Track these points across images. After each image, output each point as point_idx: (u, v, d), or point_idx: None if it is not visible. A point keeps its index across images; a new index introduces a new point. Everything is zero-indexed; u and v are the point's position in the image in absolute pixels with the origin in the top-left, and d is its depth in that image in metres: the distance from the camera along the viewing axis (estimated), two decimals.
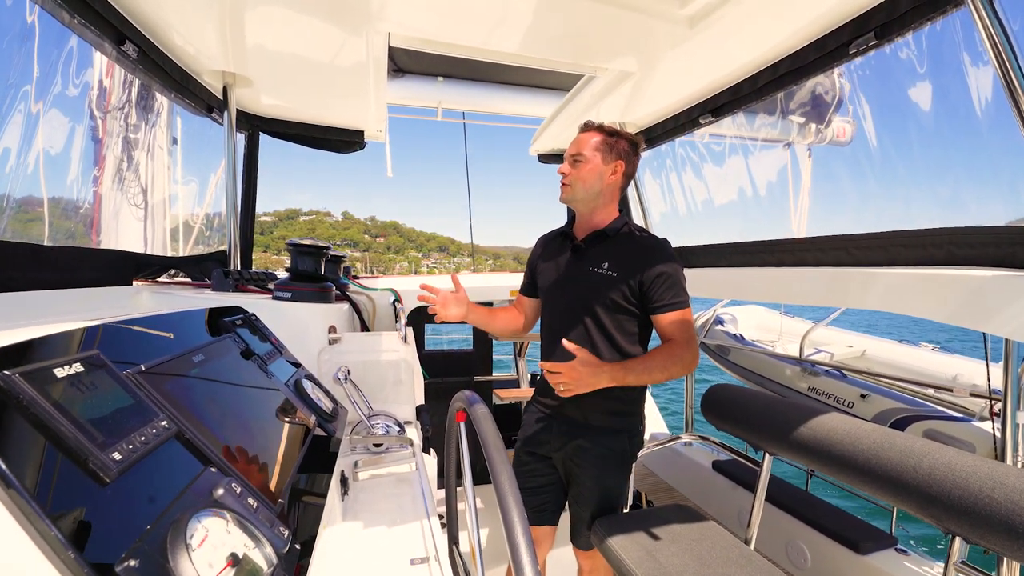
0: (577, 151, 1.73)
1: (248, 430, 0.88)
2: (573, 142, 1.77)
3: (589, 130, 1.76)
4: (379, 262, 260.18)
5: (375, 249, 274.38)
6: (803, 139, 2.96)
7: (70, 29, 1.56)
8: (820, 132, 2.89)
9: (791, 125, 2.87)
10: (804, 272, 2.07)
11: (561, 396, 1.62)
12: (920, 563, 2.07)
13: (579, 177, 1.73)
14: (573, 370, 1.51)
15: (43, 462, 0.49)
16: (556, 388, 1.56)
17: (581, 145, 1.73)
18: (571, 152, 1.75)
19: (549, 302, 1.87)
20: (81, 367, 0.60)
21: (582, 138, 1.75)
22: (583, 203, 1.77)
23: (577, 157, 1.73)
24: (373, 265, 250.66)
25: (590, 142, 1.73)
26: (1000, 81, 1.31)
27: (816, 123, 2.85)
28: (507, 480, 0.76)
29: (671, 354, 1.60)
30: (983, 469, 1.21)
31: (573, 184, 1.74)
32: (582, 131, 1.78)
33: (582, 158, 1.72)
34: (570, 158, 1.75)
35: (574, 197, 1.76)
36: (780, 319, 8.07)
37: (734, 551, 1.63)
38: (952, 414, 4.47)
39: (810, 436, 1.64)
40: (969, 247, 1.49)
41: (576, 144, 1.75)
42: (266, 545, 0.64)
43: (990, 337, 3.13)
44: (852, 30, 1.63)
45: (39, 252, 1.43)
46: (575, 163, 1.73)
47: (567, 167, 1.75)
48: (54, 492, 0.47)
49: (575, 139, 1.77)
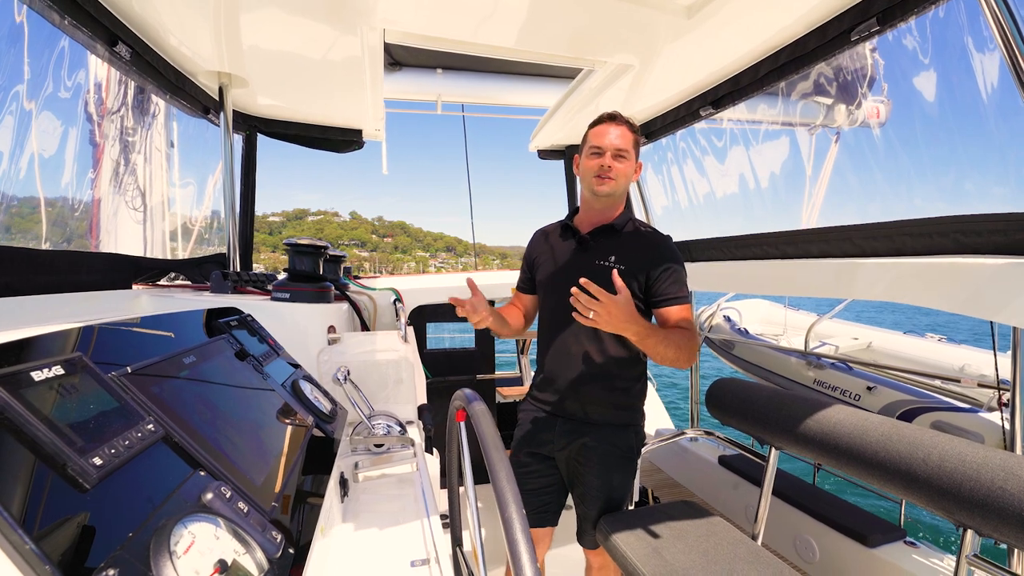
0: (623, 147, 1.67)
1: (241, 432, 0.87)
2: (610, 133, 1.68)
3: (622, 124, 1.70)
4: (387, 262, 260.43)
5: (382, 249, 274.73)
6: (832, 121, 2.82)
7: (61, 30, 1.55)
8: (851, 113, 2.75)
9: (817, 107, 2.73)
10: (808, 264, 2.04)
11: (565, 389, 1.58)
12: (929, 555, 2.04)
13: (623, 172, 1.69)
14: (614, 303, 1.41)
15: (17, 469, 0.47)
16: (584, 313, 1.43)
17: (625, 140, 1.68)
18: (617, 146, 1.67)
19: (552, 295, 1.83)
20: (61, 370, 0.59)
21: (624, 134, 1.69)
22: (617, 198, 1.75)
23: (622, 153, 1.68)
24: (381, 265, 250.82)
25: (629, 138, 1.69)
26: (1007, 65, 1.29)
27: (847, 104, 2.70)
28: (506, 479, 0.74)
29: (686, 338, 1.58)
30: (995, 460, 1.19)
31: (618, 179, 1.69)
32: (613, 123, 1.70)
33: (627, 155, 1.68)
34: (615, 151, 1.67)
35: (616, 191, 1.72)
36: (784, 312, 8.05)
37: (741, 547, 1.61)
38: (960, 405, 4.44)
39: (817, 429, 1.62)
40: (976, 235, 1.46)
41: (620, 138, 1.68)
42: (257, 550, 0.62)
43: (998, 326, 3.10)
44: (854, 16, 1.60)
45: (37, 256, 1.42)
46: (620, 158, 1.68)
47: (611, 160, 1.68)
48: (29, 500, 0.45)
49: (612, 131, 1.69)
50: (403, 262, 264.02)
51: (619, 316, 1.43)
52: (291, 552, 0.70)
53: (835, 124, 2.84)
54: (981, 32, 1.32)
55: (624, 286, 1.44)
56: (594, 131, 1.73)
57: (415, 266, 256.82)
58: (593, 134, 1.73)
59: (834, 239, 1.92)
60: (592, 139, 1.72)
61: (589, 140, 1.73)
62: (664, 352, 1.54)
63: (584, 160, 1.75)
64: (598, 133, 1.71)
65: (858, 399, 5.12)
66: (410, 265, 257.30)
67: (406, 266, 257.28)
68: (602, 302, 1.40)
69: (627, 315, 1.44)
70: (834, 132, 2.98)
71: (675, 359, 1.54)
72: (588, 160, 1.72)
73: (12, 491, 0.45)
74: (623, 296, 1.43)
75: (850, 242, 1.85)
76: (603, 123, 1.72)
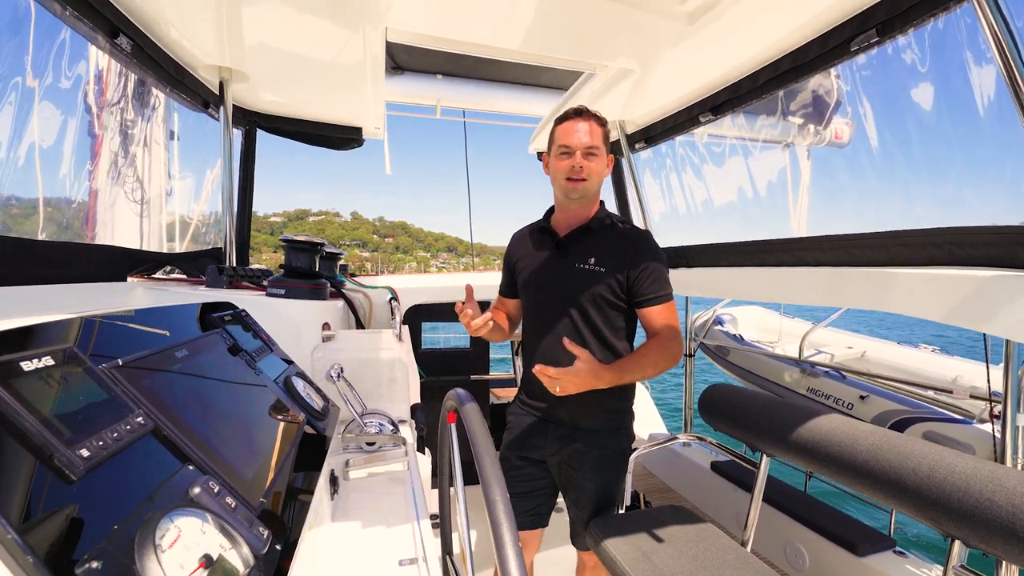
0: (593, 143, 1.61)
1: (232, 427, 0.87)
2: (578, 131, 1.62)
3: (590, 119, 1.64)
4: (388, 262, 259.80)
5: (384, 249, 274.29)
6: (802, 140, 2.95)
7: (62, 21, 1.54)
8: (819, 133, 2.88)
9: (790, 126, 2.86)
10: (804, 272, 2.05)
11: (555, 396, 1.59)
12: (919, 565, 2.05)
13: (596, 171, 1.64)
14: (578, 375, 1.43)
15: (2, 459, 0.47)
16: (552, 389, 1.48)
17: (594, 136, 1.62)
18: (586, 144, 1.61)
19: (533, 300, 1.80)
20: (51, 360, 0.59)
21: (592, 129, 1.63)
22: (591, 198, 1.70)
23: (593, 150, 1.62)
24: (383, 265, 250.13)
25: (599, 133, 1.64)
26: (1003, 78, 1.29)
27: (815, 124, 2.84)
28: (495, 481, 0.74)
29: (661, 348, 1.57)
30: (983, 471, 1.19)
31: (590, 178, 1.64)
32: (582, 118, 1.64)
33: (598, 151, 1.63)
34: (585, 150, 1.61)
35: (588, 192, 1.67)
36: (780, 320, 8.06)
37: (731, 553, 1.61)
38: (952, 416, 4.46)
39: (809, 437, 1.62)
40: (971, 247, 1.47)
41: (590, 135, 1.62)
42: (243, 546, 0.62)
43: (990, 339, 3.11)
44: (854, 27, 1.61)
45: (32, 247, 1.41)
46: (590, 156, 1.62)
47: (582, 159, 1.61)
48: (13, 491, 0.45)
49: (580, 128, 1.62)
50: (404, 262, 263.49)
51: (588, 380, 1.44)
52: (278, 548, 0.70)
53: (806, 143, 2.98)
54: (979, 45, 1.33)
55: (580, 349, 1.44)
56: (561, 128, 1.65)
57: (417, 266, 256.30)
58: (561, 132, 1.65)
59: (829, 248, 1.93)
60: (560, 138, 1.65)
61: (557, 139, 1.66)
62: (645, 374, 1.57)
63: (554, 160, 1.67)
64: (566, 131, 1.63)
65: (851, 408, 5.14)
66: (411, 265, 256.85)
67: (407, 266, 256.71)
68: (565, 378, 1.42)
69: (593, 374, 1.45)
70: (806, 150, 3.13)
71: (659, 372, 1.56)
72: (558, 161, 1.65)
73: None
74: (581, 361, 1.43)
75: (845, 251, 1.86)
76: (570, 119, 1.64)
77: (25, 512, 0.45)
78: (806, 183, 3.05)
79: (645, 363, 1.56)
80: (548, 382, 1.45)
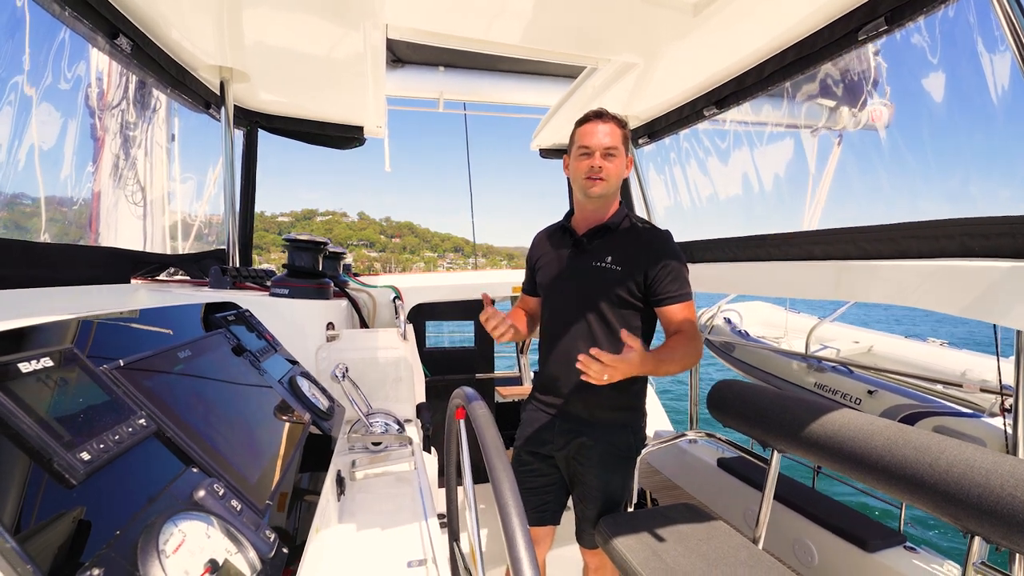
0: (613, 144, 1.65)
1: (236, 429, 0.85)
2: (598, 132, 1.66)
3: (610, 121, 1.68)
4: (397, 262, 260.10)
5: (391, 249, 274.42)
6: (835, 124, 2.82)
7: (61, 21, 1.53)
8: (855, 116, 2.75)
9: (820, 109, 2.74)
10: (811, 266, 2.02)
11: (569, 391, 1.58)
12: (929, 561, 2.02)
13: (614, 172, 1.67)
14: (630, 363, 1.41)
15: (0, 463, 0.45)
16: (598, 378, 1.42)
17: (614, 138, 1.66)
18: (605, 145, 1.65)
19: (551, 299, 1.83)
20: (50, 362, 0.57)
21: (612, 131, 1.66)
22: (610, 198, 1.73)
23: (612, 151, 1.65)
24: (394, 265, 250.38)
25: (618, 135, 1.67)
26: (1017, 65, 1.27)
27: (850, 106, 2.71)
28: (506, 479, 0.73)
29: (687, 344, 1.58)
30: (1004, 467, 1.17)
31: (609, 179, 1.66)
32: (600, 120, 1.68)
33: (617, 152, 1.66)
34: (604, 150, 1.65)
35: (608, 192, 1.69)
36: (786, 315, 8.02)
37: (743, 551, 1.60)
38: (962, 410, 4.42)
39: (820, 433, 1.60)
40: (983, 238, 1.44)
41: (609, 136, 1.65)
42: (250, 550, 0.60)
43: (1001, 331, 3.08)
44: (861, 16, 1.58)
45: (34, 249, 1.40)
46: (609, 156, 1.66)
47: (601, 160, 1.65)
48: (11, 496, 0.44)
49: (599, 129, 1.66)
50: (412, 262, 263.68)
51: (633, 368, 1.43)
52: (285, 552, 0.69)
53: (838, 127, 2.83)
54: (992, 32, 1.30)
55: (638, 345, 1.42)
56: (581, 130, 1.70)
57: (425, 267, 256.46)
58: (581, 134, 1.69)
59: (837, 241, 1.90)
60: (580, 139, 1.69)
61: (577, 140, 1.71)
62: (672, 368, 1.56)
63: (574, 162, 1.72)
64: (586, 132, 1.68)
65: (859, 403, 5.10)
66: (419, 265, 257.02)
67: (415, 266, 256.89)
68: (613, 365, 1.39)
69: (640, 364, 1.43)
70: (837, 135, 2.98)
71: (683, 368, 1.58)
72: (578, 161, 1.69)
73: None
74: (634, 352, 1.41)
75: (853, 244, 1.83)
76: (590, 121, 1.69)
77: (24, 518, 0.43)
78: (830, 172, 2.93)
79: (676, 356, 1.56)
80: (598, 367, 1.40)
